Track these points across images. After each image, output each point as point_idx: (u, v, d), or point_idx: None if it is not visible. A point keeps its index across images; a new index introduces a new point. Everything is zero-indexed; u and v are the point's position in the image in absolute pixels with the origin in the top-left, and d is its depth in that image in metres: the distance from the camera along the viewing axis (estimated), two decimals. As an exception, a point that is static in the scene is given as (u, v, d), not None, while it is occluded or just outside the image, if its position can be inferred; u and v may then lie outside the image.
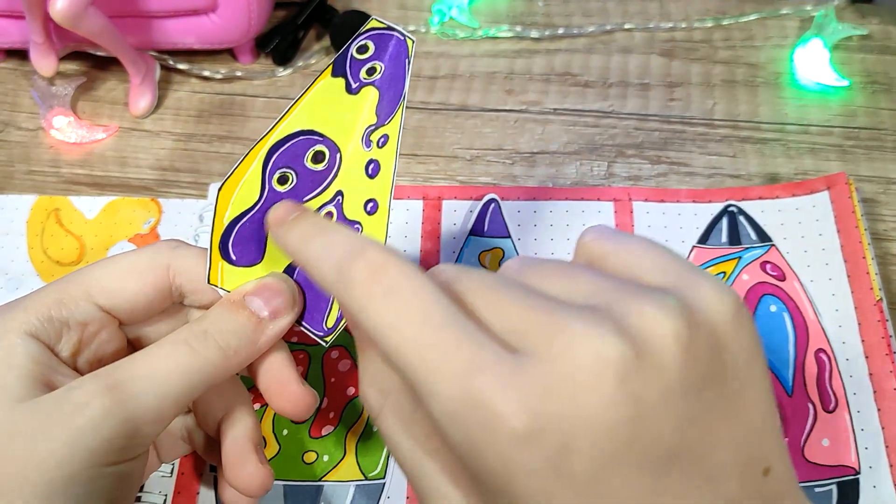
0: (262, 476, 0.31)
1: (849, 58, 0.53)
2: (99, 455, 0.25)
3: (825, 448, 0.38)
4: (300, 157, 0.32)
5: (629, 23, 0.55)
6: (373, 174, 0.33)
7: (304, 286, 0.32)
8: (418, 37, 0.55)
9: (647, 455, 0.21)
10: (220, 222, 0.31)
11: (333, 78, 0.32)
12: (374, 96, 0.33)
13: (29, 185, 0.49)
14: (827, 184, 0.45)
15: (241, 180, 0.32)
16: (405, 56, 0.32)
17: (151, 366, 0.27)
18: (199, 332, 0.28)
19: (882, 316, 0.41)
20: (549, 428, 0.20)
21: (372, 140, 0.32)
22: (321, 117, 0.32)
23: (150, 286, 0.31)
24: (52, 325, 0.29)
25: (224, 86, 0.54)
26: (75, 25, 0.45)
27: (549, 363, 0.21)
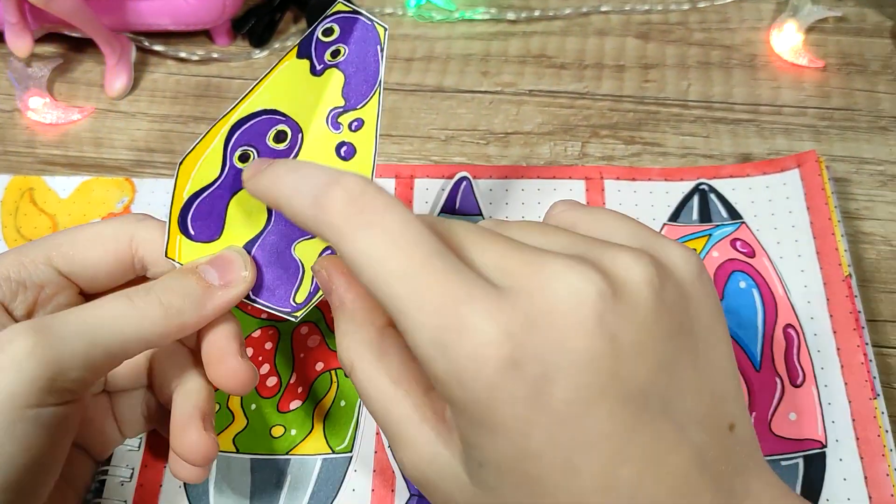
0: (205, 443, 0.30)
1: (823, 39, 0.53)
2: (19, 396, 0.25)
3: (792, 422, 0.38)
4: (262, 135, 0.32)
5: (605, 5, 0.55)
6: (347, 156, 0.33)
7: (265, 264, 0.32)
8: (395, 19, 0.55)
9: (623, 391, 0.22)
10: (179, 196, 0.32)
11: (298, 59, 0.33)
12: (339, 79, 0.33)
13: (4, 166, 0.49)
14: (797, 162, 0.45)
15: (202, 156, 0.32)
16: (376, 42, 0.33)
17: (84, 312, 0.27)
18: (143, 288, 0.28)
19: (850, 292, 0.41)
20: (531, 357, 0.21)
21: (342, 123, 0.33)
22: (285, 97, 0.33)
23: (111, 254, 0.31)
24: (9, 284, 0.29)
25: (200, 67, 0.54)
26: (48, 5, 0.45)
27: (532, 296, 0.22)
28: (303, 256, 0.32)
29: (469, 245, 0.24)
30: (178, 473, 0.31)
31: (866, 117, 0.50)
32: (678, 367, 0.23)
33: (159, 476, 0.38)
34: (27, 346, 0.25)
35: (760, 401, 0.39)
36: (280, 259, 0.32)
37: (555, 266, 0.22)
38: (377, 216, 0.23)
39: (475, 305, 0.21)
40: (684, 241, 0.43)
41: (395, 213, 0.23)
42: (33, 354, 0.25)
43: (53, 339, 0.26)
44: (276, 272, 0.32)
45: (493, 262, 0.23)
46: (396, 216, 0.23)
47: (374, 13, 0.55)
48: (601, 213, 0.27)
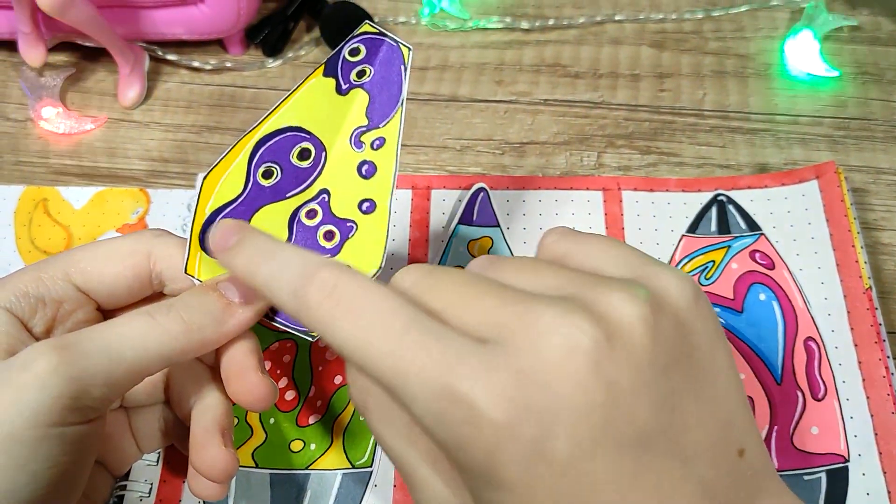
0: (224, 459, 0.30)
1: (839, 48, 0.53)
2: (43, 415, 0.25)
3: (814, 436, 0.38)
4: (286, 152, 0.32)
5: (620, 14, 0.55)
6: (367, 175, 0.33)
7: None
8: (409, 28, 0.55)
9: (624, 437, 0.21)
10: (202, 212, 0.32)
11: (325, 78, 0.33)
12: (364, 99, 0.33)
13: (17, 176, 0.49)
14: (816, 173, 0.45)
15: (225, 171, 0.32)
16: (400, 62, 0.33)
17: (107, 330, 0.27)
18: (164, 305, 0.28)
19: (871, 304, 0.41)
20: (528, 416, 0.21)
21: (364, 142, 0.33)
22: (310, 115, 0.33)
23: (129, 270, 0.31)
24: (28, 301, 0.29)
25: (214, 77, 0.53)
26: (62, 15, 0.45)
27: (524, 353, 0.21)
28: None
29: (453, 303, 0.23)
30: (198, 491, 0.31)
31: (882, 127, 0.50)
32: (680, 400, 0.23)
33: (178, 491, 0.38)
34: (51, 364, 0.25)
35: (782, 414, 0.39)
36: None
37: (546, 317, 0.22)
38: (353, 304, 0.23)
39: (463, 370, 0.21)
40: (704, 253, 0.43)
41: (369, 297, 0.23)
42: (56, 373, 0.25)
43: (76, 357, 0.26)
44: None
45: (481, 317, 0.23)
46: (371, 300, 0.23)
47: (388, 22, 0.55)
48: (592, 243, 0.26)
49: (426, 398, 0.21)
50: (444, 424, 0.21)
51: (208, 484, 0.31)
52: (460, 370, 0.21)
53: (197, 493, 0.31)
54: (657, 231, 0.44)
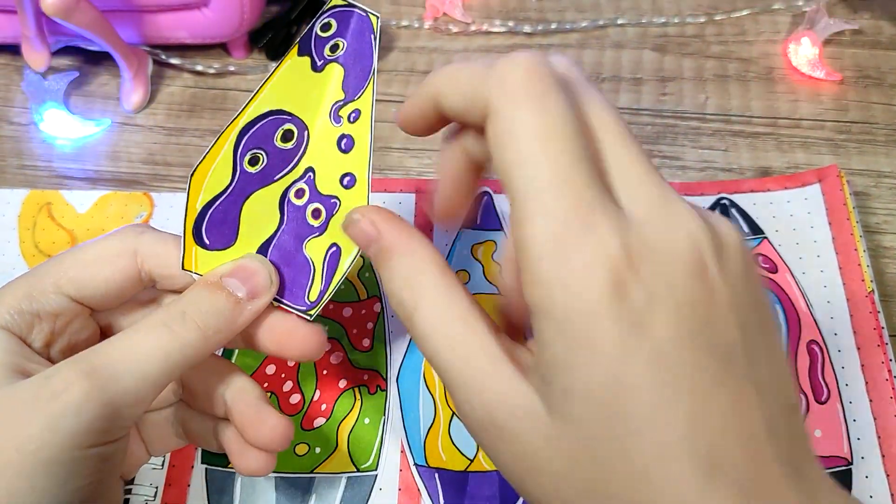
0: (285, 425, 0.31)
1: (840, 52, 0.53)
2: (79, 438, 0.25)
3: (818, 439, 0.38)
4: (270, 137, 0.32)
5: (622, 18, 0.55)
6: (346, 149, 0.33)
7: (281, 264, 0.32)
8: (412, 31, 0.55)
9: (714, 342, 0.22)
10: (192, 208, 0.31)
11: (299, 57, 0.33)
12: (340, 73, 0.33)
13: (21, 180, 0.49)
14: (818, 176, 0.45)
15: (212, 165, 0.32)
16: (370, 32, 0.32)
17: (130, 349, 0.27)
18: (178, 313, 0.28)
19: (874, 307, 0.41)
20: (643, 283, 0.22)
21: (342, 116, 0.33)
22: (289, 96, 0.32)
23: (118, 273, 0.31)
24: (23, 318, 0.29)
25: (217, 80, 0.53)
26: (66, 19, 0.45)
27: (656, 228, 0.22)
28: (312, 255, 0.32)
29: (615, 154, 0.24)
30: (253, 467, 0.31)
31: (884, 130, 0.50)
32: (756, 335, 0.23)
33: (183, 494, 0.38)
34: (83, 392, 0.26)
35: (785, 417, 0.39)
36: (294, 258, 0.32)
37: (680, 208, 0.23)
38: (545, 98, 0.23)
39: (604, 217, 0.22)
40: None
41: (557, 102, 0.23)
42: (89, 399, 0.26)
43: (106, 382, 0.26)
44: (292, 271, 0.32)
45: (629, 183, 0.23)
46: (558, 106, 0.23)
47: (391, 26, 0.55)
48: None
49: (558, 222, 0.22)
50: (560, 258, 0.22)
51: (262, 458, 0.31)
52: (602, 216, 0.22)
53: (248, 471, 0.31)
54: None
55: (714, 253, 0.23)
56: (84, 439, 0.25)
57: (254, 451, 0.31)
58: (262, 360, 0.41)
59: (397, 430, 0.39)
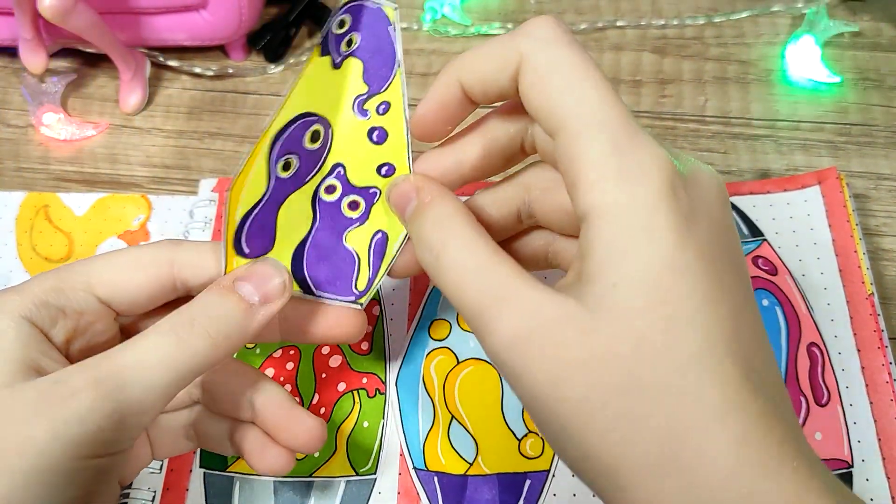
0: (320, 426, 0.32)
1: (840, 54, 0.53)
2: (82, 447, 0.25)
3: (818, 442, 0.38)
4: (299, 140, 0.32)
5: (621, 20, 0.55)
6: (379, 140, 0.33)
7: (321, 260, 0.32)
8: (411, 34, 0.55)
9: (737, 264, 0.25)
10: (232, 221, 0.31)
11: (321, 57, 0.33)
12: (358, 66, 0.33)
13: (18, 182, 0.49)
14: (818, 178, 0.45)
15: (248, 177, 0.32)
16: (386, 24, 0.33)
17: (138, 357, 0.27)
18: (187, 320, 0.28)
19: (874, 310, 0.41)
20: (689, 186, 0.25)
21: (368, 109, 0.33)
22: (314, 98, 0.32)
23: (153, 280, 0.30)
24: (48, 311, 0.28)
25: (215, 83, 0.53)
26: (64, 21, 0.45)
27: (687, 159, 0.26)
28: (355, 245, 0.32)
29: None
30: (272, 467, 0.32)
31: (884, 133, 0.50)
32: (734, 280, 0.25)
33: (182, 498, 0.37)
34: (89, 400, 0.25)
35: (786, 421, 0.39)
36: (335, 252, 0.32)
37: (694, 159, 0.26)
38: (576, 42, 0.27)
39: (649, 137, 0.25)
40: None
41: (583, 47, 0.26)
42: (96, 408, 0.25)
43: (113, 390, 0.26)
44: (333, 265, 0.32)
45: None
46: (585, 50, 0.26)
47: (390, 28, 0.55)
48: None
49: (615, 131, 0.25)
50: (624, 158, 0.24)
51: (286, 454, 0.32)
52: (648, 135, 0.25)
53: (272, 470, 0.32)
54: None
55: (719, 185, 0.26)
56: (87, 449, 0.25)
57: (276, 450, 0.32)
58: (261, 364, 0.41)
59: (396, 433, 0.39)
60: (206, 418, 0.33)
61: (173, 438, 0.34)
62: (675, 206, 0.24)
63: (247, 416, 0.32)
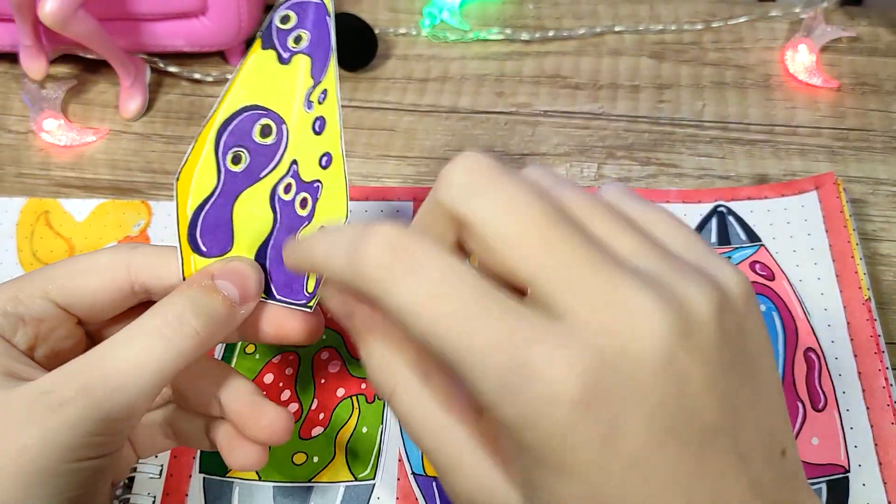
0: (285, 417, 0.31)
1: (837, 59, 0.53)
2: (74, 452, 0.25)
3: (815, 447, 0.38)
4: (248, 133, 0.32)
5: (619, 25, 0.55)
6: (320, 130, 0.33)
7: (279, 262, 0.32)
8: (409, 39, 0.55)
9: (692, 431, 0.21)
10: (183, 214, 0.31)
11: (264, 50, 0.32)
12: (307, 62, 0.33)
13: (19, 188, 0.49)
14: (815, 184, 0.45)
15: (195, 168, 0.31)
16: (325, 15, 0.33)
17: (125, 361, 0.27)
18: (174, 319, 0.28)
19: (870, 315, 0.41)
20: (605, 399, 0.20)
21: (313, 100, 0.33)
22: (260, 91, 0.32)
23: (109, 283, 0.30)
24: (8, 320, 0.29)
25: (215, 88, 0.54)
26: (64, 28, 0.45)
27: (606, 332, 0.21)
28: None
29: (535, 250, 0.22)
30: (243, 462, 0.31)
31: (881, 138, 0.50)
32: (740, 398, 0.23)
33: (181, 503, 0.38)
34: (79, 409, 0.26)
35: (783, 426, 0.39)
36: None
37: (637, 300, 0.21)
38: (418, 262, 0.22)
39: (541, 346, 0.21)
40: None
41: (436, 256, 0.22)
42: (85, 417, 0.26)
43: (102, 398, 0.26)
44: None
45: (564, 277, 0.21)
46: (438, 259, 0.22)
47: (389, 33, 0.55)
48: (658, 215, 0.25)
49: (495, 371, 0.21)
50: (514, 401, 0.21)
51: (256, 452, 0.31)
52: (538, 345, 0.20)
53: (243, 466, 0.31)
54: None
55: (682, 336, 0.21)
56: (79, 453, 0.26)
57: (246, 445, 0.31)
58: (260, 369, 0.41)
59: (395, 438, 0.39)
60: (181, 416, 0.34)
61: (152, 436, 0.34)
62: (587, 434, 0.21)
63: (216, 413, 0.32)
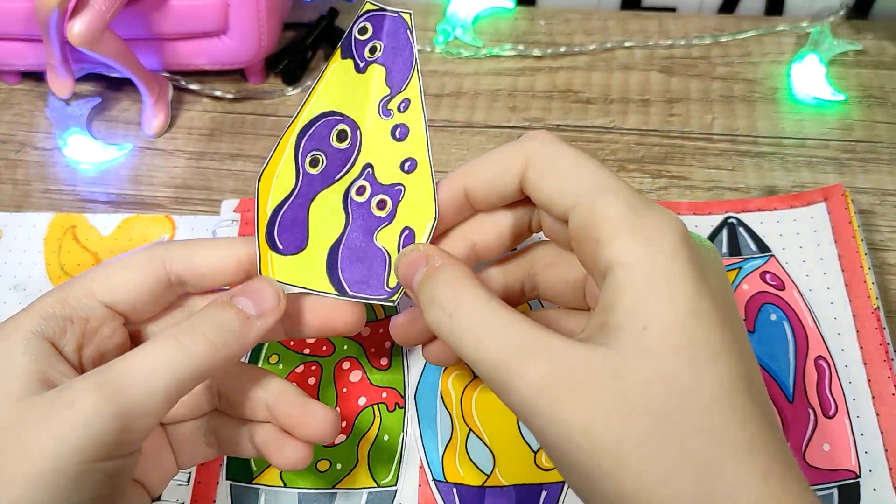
0: (333, 415, 0.33)
1: (844, 72, 0.54)
2: (87, 451, 0.26)
3: (826, 453, 0.39)
4: (326, 138, 0.35)
5: (629, 40, 0.56)
6: (401, 137, 0.35)
7: (354, 260, 0.34)
8: (423, 55, 0.57)
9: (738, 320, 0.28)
10: (263, 213, 0.34)
11: (343, 60, 0.35)
12: (381, 72, 0.35)
13: (46, 204, 0.51)
14: (824, 195, 0.46)
15: (276, 169, 0.34)
16: (405, 29, 0.35)
17: (139, 362, 0.28)
18: (187, 326, 0.29)
19: (879, 324, 0.42)
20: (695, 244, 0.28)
21: (391, 108, 0.35)
22: (338, 98, 0.35)
23: (149, 277, 0.32)
24: (56, 322, 0.30)
25: (235, 105, 0.55)
26: (92, 48, 0.46)
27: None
28: (385, 244, 0.34)
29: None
30: (290, 460, 0.33)
31: (888, 149, 0.51)
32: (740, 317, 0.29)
33: (208, 510, 0.39)
34: (91, 403, 0.26)
35: (794, 432, 0.40)
36: (367, 252, 0.34)
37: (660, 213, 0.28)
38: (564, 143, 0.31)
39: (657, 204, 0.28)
40: (715, 275, 0.44)
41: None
42: (98, 412, 0.26)
43: (116, 395, 0.27)
44: (366, 265, 0.34)
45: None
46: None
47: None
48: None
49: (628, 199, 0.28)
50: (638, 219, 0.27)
51: (304, 448, 0.33)
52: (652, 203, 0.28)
53: (290, 464, 0.33)
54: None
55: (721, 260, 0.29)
56: (92, 453, 0.26)
57: (293, 444, 0.33)
58: (284, 379, 0.42)
59: (416, 446, 0.40)
60: (225, 423, 0.35)
61: (194, 446, 0.35)
62: (690, 258, 0.26)
63: (262, 416, 0.34)
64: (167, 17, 0.50)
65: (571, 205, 0.28)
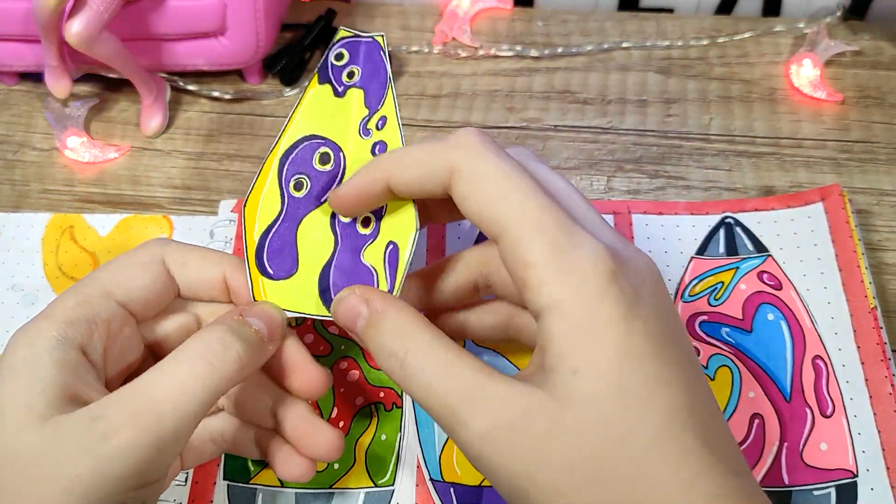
0: (338, 436, 0.33)
1: (841, 73, 0.55)
2: (125, 482, 0.26)
3: (823, 452, 0.39)
4: (308, 161, 0.35)
5: (627, 41, 0.56)
6: (380, 153, 0.35)
7: (344, 282, 0.34)
8: (421, 56, 0.57)
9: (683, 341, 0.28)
10: (251, 239, 0.34)
11: (320, 85, 0.36)
12: (360, 95, 0.36)
13: (44, 204, 0.51)
14: (821, 195, 0.46)
15: (261, 194, 0.35)
16: (379, 51, 0.36)
17: (173, 387, 0.28)
18: (216, 341, 0.29)
19: (876, 323, 0.42)
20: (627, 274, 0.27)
21: (370, 128, 0.36)
22: (318, 122, 0.36)
23: (155, 276, 0.33)
24: (81, 326, 0.29)
25: (233, 106, 0.55)
26: (90, 49, 0.46)
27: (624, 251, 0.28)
28: (371, 261, 0.34)
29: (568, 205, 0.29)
30: (293, 474, 0.34)
31: (885, 149, 0.51)
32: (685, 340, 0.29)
33: (206, 510, 0.39)
34: (130, 438, 0.26)
35: (792, 431, 0.40)
36: (355, 271, 0.34)
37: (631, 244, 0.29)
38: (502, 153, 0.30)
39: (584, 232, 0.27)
40: (713, 275, 0.44)
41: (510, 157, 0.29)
42: (137, 444, 0.26)
43: (152, 424, 0.27)
44: (355, 284, 0.34)
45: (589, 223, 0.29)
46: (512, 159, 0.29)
47: (401, 51, 0.56)
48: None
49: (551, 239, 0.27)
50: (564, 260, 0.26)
51: (308, 463, 0.34)
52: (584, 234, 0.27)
53: (294, 477, 0.34)
54: (667, 253, 0.45)
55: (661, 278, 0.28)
56: (130, 483, 0.26)
57: (298, 458, 0.33)
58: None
59: (413, 445, 0.40)
60: (234, 425, 0.35)
61: (201, 447, 0.35)
62: (619, 295, 0.26)
63: (270, 425, 0.34)
64: (165, 17, 0.50)
65: (497, 233, 0.28)
